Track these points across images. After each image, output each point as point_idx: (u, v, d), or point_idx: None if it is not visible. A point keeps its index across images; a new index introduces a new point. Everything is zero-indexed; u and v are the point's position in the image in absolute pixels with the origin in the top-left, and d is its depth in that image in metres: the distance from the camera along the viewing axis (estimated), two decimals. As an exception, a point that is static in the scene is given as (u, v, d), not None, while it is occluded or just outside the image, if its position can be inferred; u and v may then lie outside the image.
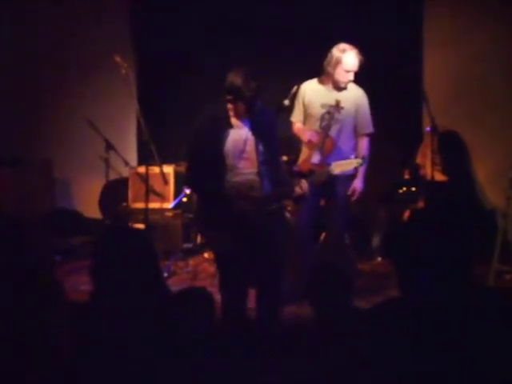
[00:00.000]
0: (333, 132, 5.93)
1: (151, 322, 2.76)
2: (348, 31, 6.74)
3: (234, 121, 4.87)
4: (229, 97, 4.81)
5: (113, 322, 2.72)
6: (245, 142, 4.83)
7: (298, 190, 4.95)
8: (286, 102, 5.95)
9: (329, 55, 5.97)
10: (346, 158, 5.93)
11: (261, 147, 4.86)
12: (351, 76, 5.95)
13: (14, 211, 6.81)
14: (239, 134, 4.85)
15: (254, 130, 4.87)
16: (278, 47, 7.96)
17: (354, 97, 6.06)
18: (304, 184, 4.97)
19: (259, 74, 7.91)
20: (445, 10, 7.87)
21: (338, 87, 5.97)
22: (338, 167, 5.37)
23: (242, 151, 4.83)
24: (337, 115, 5.94)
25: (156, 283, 2.91)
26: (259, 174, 4.84)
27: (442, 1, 7.94)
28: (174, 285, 5.97)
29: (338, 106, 5.92)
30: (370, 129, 6.16)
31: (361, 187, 6.07)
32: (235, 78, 4.86)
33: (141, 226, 6.72)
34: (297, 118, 6.17)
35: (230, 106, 4.82)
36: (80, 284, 6.01)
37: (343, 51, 5.91)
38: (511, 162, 6.81)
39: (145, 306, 2.78)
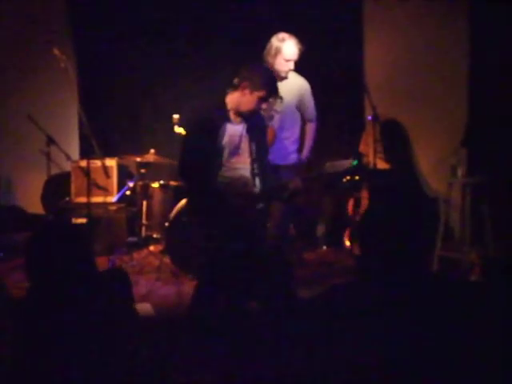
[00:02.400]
0: (273, 123, 5.93)
1: (87, 316, 2.74)
2: (288, 22, 6.76)
3: (232, 115, 4.86)
4: (245, 83, 4.77)
5: (48, 317, 2.70)
6: (240, 137, 4.84)
7: (292, 185, 4.95)
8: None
9: (268, 45, 5.96)
10: (287, 148, 5.98)
11: (253, 145, 4.88)
12: (291, 65, 5.95)
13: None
14: (236, 130, 4.85)
15: (249, 127, 4.89)
16: (216, 40, 7.93)
17: (296, 86, 6.06)
18: (298, 180, 4.98)
19: (200, 67, 7.95)
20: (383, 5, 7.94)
21: (279, 77, 5.96)
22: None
23: (237, 147, 4.85)
24: (276, 106, 5.94)
25: (89, 278, 2.89)
26: (252, 171, 4.87)
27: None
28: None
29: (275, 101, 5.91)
30: (314, 115, 6.19)
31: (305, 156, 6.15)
32: (265, 72, 4.95)
33: (83, 220, 6.65)
34: None
35: (240, 94, 4.79)
36: (23, 280, 5.91)
37: (282, 40, 5.90)
38: (452, 149, 6.90)
39: (79, 300, 2.76)
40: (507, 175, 6.91)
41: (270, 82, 4.86)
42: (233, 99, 4.85)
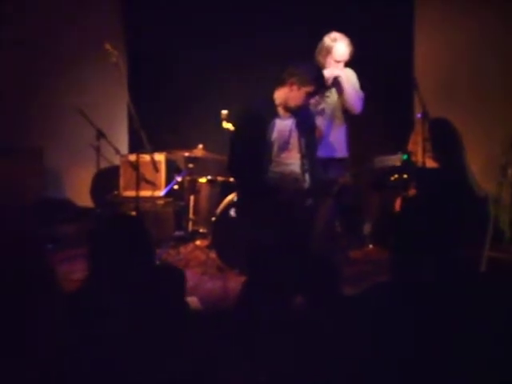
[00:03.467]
0: (320, 121, 5.88)
1: (145, 307, 2.76)
2: (339, 18, 6.73)
3: (280, 111, 4.88)
4: (293, 79, 4.82)
5: (107, 306, 2.72)
6: (290, 133, 4.88)
7: (341, 180, 4.96)
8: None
9: (320, 44, 5.93)
10: (337, 142, 5.94)
11: (303, 140, 4.91)
12: (341, 67, 5.91)
13: (4, 199, 6.81)
14: (285, 125, 4.89)
15: (298, 122, 4.91)
16: (266, 37, 7.92)
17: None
18: (347, 176, 5.01)
19: (249, 63, 7.97)
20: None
21: None
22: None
23: (287, 142, 4.89)
24: (323, 105, 5.91)
25: (149, 269, 2.92)
26: (302, 166, 4.88)
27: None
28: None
29: (323, 95, 5.88)
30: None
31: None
32: (313, 67, 5.00)
33: (132, 214, 6.71)
34: None
35: (288, 90, 4.82)
36: (71, 272, 5.99)
37: (334, 40, 5.86)
38: (503, 149, 6.81)
39: (139, 291, 2.78)
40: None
41: (317, 77, 4.87)
42: (280, 95, 4.87)
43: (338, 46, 5.83)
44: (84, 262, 2.94)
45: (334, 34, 5.88)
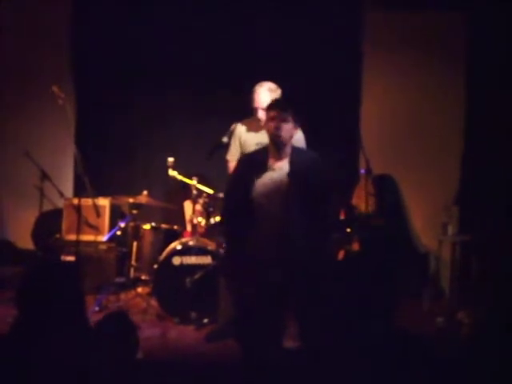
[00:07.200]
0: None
1: (71, 358, 2.71)
2: (288, 72, 6.80)
3: (271, 162, 4.68)
4: (273, 112, 4.64)
5: (32, 354, 2.67)
6: (279, 184, 4.58)
7: None
8: (225, 140, 5.93)
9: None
10: None
11: (295, 191, 4.56)
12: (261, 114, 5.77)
13: None
14: (272, 177, 4.62)
15: (292, 171, 4.61)
16: (214, 84, 7.96)
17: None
18: None
19: (196, 111, 7.98)
20: (383, 57, 7.95)
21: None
22: None
23: (275, 195, 4.59)
24: None
25: (78, 319, 2.88)
26: (291, 220, 4.52)
27: (381, 47, 7.99)
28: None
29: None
30: None
31: None
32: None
33: (72, 258, 6.63)
34: (233, 157, 5.95)
35: (273, 126, 4.65)
36: (8, 315, 5.86)
37: (260, 86, 5.79)
38: (444, 207, 6.92)
39: (66, 340, 2.73)
40: (497, 234, 6.91)
41: (273, 101, 4.81)
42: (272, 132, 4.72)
43: (258, 92, 5.75)
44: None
45: (265, 82, 5.83)
